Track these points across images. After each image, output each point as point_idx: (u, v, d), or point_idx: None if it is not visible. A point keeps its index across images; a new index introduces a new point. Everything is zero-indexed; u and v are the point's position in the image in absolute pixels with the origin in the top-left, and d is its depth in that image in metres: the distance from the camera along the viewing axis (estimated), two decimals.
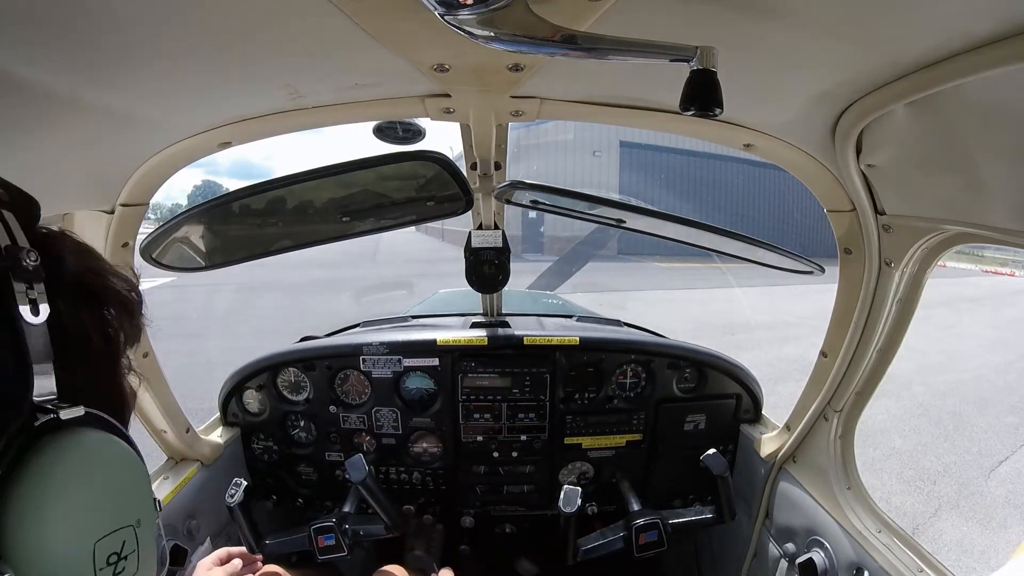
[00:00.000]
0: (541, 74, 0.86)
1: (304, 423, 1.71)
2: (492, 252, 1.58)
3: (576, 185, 1.42)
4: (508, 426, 1.68)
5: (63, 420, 0.37)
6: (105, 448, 0.40)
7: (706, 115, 0.55)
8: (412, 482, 1.74)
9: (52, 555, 0.34)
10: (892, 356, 1.17)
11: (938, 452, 4.94)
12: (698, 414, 1.72)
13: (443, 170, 1.26)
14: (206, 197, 1.35)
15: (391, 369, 1.65)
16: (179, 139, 1.05)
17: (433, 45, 0.73)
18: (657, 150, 21.59)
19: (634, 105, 1.02)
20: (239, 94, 0.94)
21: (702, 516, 1.49)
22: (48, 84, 0.72)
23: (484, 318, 1.93)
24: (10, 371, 0.36)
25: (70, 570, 0.36)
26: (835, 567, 1.22)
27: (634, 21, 0.64)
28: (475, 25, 0.54)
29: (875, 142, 0.89)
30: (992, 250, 19.45)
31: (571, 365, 1.67)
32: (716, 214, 20.60)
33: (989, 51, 0.60)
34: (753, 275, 8.40)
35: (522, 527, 1.89)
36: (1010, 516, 3.98)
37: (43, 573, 0.34)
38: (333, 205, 1.40)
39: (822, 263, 1.41)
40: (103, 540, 0.37)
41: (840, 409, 1.28)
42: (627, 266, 16.03)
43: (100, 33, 0.65)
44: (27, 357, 0.36)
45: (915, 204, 0.94)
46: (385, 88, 0.96)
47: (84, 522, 0.37)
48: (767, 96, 0.90)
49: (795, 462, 1.44)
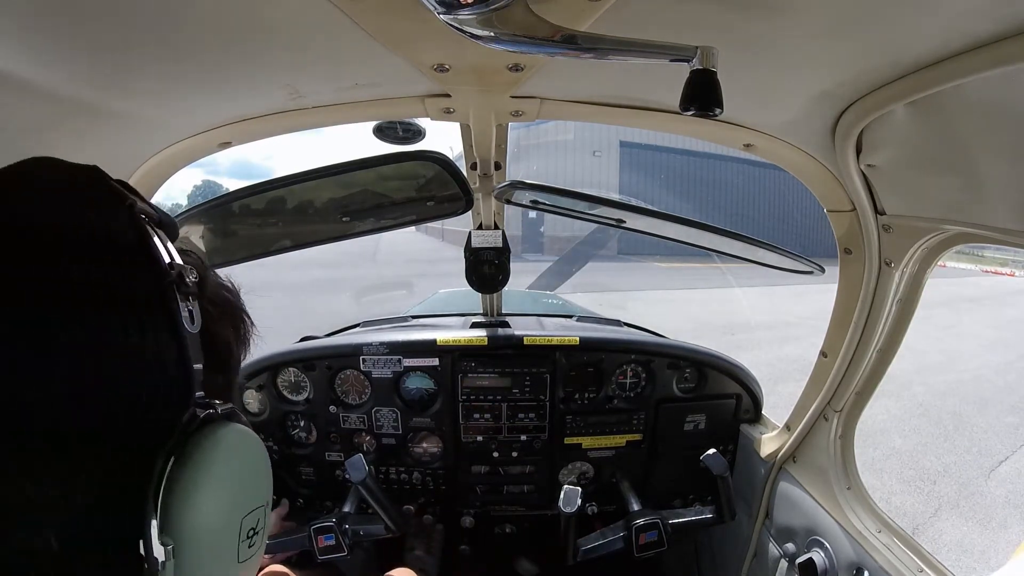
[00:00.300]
0: (541, 74, 0.86)
1: (304, 423, 1.71)
2: (492, 252, 1.58)
3: (576, 185, 1.42)
4: (508, 426, 1.68)
5: (218, 414, 0.42)
6: (247, 438, 0.44)
7: (706, 115, 0.55)
8: (412, 482, 1.74)
9: (208, 530, 0.39)
10: (892, 356, 1.17)
11: (938, 452, 4.94)
12: (698, 414, 1.72)
13: (443, 170, 1.26)
14: (206, 197, 1.35)
15: (391, 369, 1.65)
16: (179, 139, 1.05)
17: (433, 45, 0.73)
18: (657, 150, 21.59)
19: (634, 105, 1.02)
20: (239, 94, 0.94)
21: (702, 516, 1.49)
22: (48, 84, 0.72)
23: (484, 318, 1.93)
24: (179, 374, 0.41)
25: (222, 542, 0.40)
26: (835, 567, 1.22)
27: (634, 21, 0.64)
28: (475, 25, 0.54)
29: (875, 142, 0.89)
30: (992, 250, 19.43)
31: (571, 365, 1.67)
32: (716, 214, 20.59)
33: (989, 51, 0.60)
34: (753, 275, 8.39)
35: (522, 527, 1.89)
36: (1010, 516, 3.98)
37: (200, 545, 0.38)
38: (333, 205, 1.40)
39: (822, 263, 1.41)
40: (248, 516, 0.43)
41: (840, 409, 1.28)
42: (627, 266, 16.03)
43: (100, 33, 0.65)
44: (190, 361, 0.41)
45: (915, 204, 0.94)
46: (385, 88, 0.96)
47: (234, 501, 0.42)
48: (767, 96, 0.90)
49: (795, 462, 1.44)
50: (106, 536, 0.37)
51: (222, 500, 0.40)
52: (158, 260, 0.41)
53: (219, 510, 0.40)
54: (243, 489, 0.43)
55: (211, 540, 0.39)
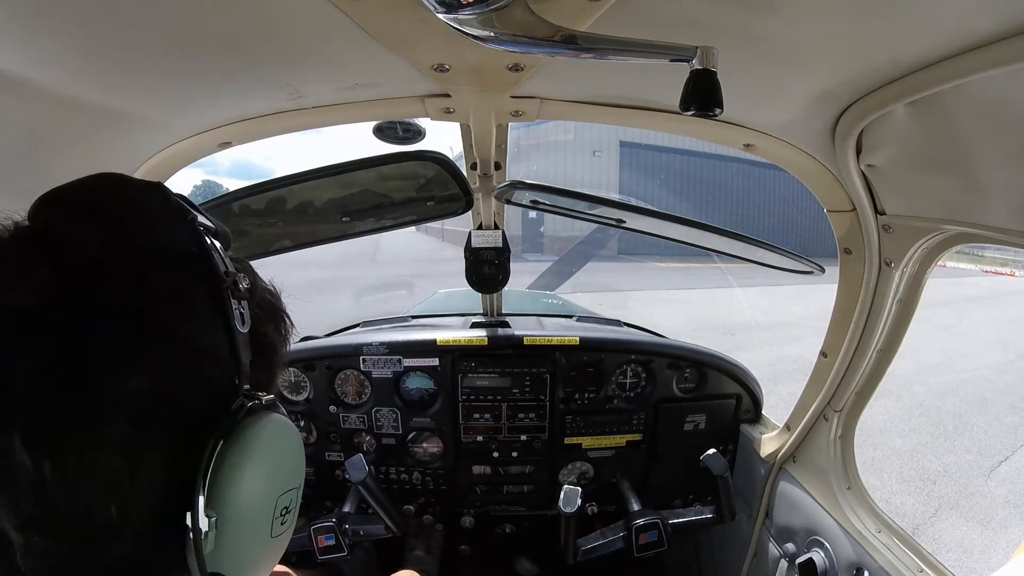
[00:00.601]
0: (541, 74, 0.86)
1: (304, 423, 1.71)
2: (492, 252, 1.58)
3: (576, 185, 1.42)
4: (508, 426, 1.68)
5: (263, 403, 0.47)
6: (286, 426, 0.49)
7: (706, 115, 0.55)
8: (412, 482, 1.74)
9: (247, 506, 0.43)
10: (892, 356, 1.17)
11: (938, 452, 4.94)
12: (698, 414, 1.72)
13: (443, 170, 1.26)
14: (206, 197, 1.35)
15: (391, 369, 1.65)
16: (179, 139, 1.05)
17: (433, 45, 0.73)
18: (657, 150, 21.59)
19: (634, 105, 1.02)
20: (239, 94, 0.94)
21: (702, 516, 1.49)
22: (49, 84, 0.72)
23: (484, 318, 1.93)
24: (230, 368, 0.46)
25: (258, 517, 0.44)
26: (835, 567, 1.22)
27: (634, 21, 0.64)
28: (475, 25, 0.54)
29: (875, 142, 0.89)
30: (992, 250, 19.43)
31: (571, 365, 1.67)
32: (716, 214, 20.60)
33: (989, 51, 0.60)
34: (753, 275, 8.39)
35: (522, 527, 1.89)
36: (1010, 516, 3.98)
37: (239, 519, 0.42)
38: (333, 205, 1.40)
39: (822, 263, 1.41)
40: (282, 496, 0.46)
41: (840, 409, 1.28)
42: (627, 266, 16.03)
43: (100, 34, 0.65)
44: (240, 358, 0.46)
45: (915, 204, 0.94)
46: (385, 88, 0.96)
47: (272, 480, 0.46)
48: (767, 96, 0.90)
49: (795, 462, 1.45)
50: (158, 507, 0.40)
51: (261, 480, 0.44)
52: (216, 268, 0.46)
53: (258, 488, 0.44)
54: (279, 471, 0.47)
55: (249, 515, 0.44)
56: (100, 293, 0.39)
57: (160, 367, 0.40)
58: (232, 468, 0.42)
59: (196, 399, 0.43)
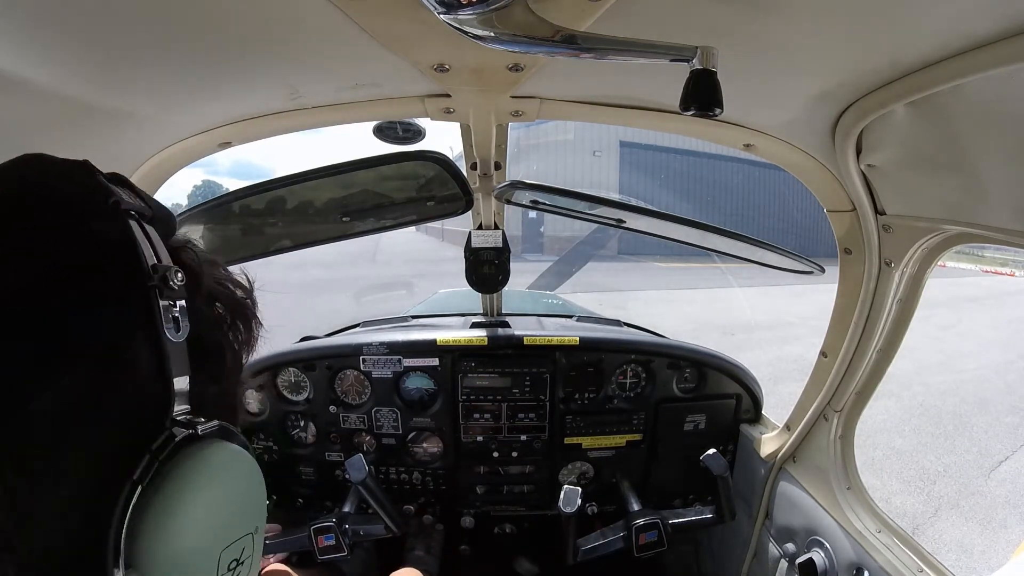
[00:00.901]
0: (541, 74, 0.86)
1: (304, 423, 1.71)
2: (492, 252, 1.59)
3: (576, 185, 1.42)
4: (508, 426, 1.68)
5: (199, 435, 0.38)
6: (235, 460, 0.41)
7: (706, 115, 0.55)
8: (412, 482, 1.74)
9: (178, 564, 0.35)
10: (892, 356, 1.17)
11: (938, 452, 4.94)
12: (698, 414, 1.72)
13: (443, 170, 1.26)
14: (206, 197, 1.35)
15: (391, 369, 1.65)
16: (179, 139, 1.05)
17: (433, 45, 0.73)
18: (657, 150, 21.58)
19: (634, 105, 1.02)
20: (239, 94, 0.94)
21: (702, 516, 1.49)
22: (48, 84, 0.72)
23: (484, 318, 1.93)
24: (156, 390, 0.37)
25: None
26: (835, 567, 1.22)
27: (634, 21, 0.64)
28: (475, 25, 0.54)
29: (875, 142, 0.89)
30: (992, 250, 19.43)
31: (571, 365, 1.67)
32: (716, 214, 20.59)
33: (989, 51, 0.60)
34: (753, 275, 8.39)
35: (522, 527, 1.89)
36: (1010, 516, 3.98)
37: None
38: (333, 205, 1.40)
39: (822, 263, 1.41)
40: (228, 548, 0.39)
41: (840, 409, 1.28)
42: (627, 266, 16.03)
43: (100, 33, 0.65)
44: (170, 376, 0.37)
45: (915, 204, 0.94)
46: (385, 88, 0.96)
47: (213, 533, 0.38)
48: (767, 96, 0.90)
49: (795, 462, 1.45)
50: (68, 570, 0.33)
51: (196, 532, 0.37)
52: (138, 261, 0.37)
53: (192, 543, 0.36)
54: (223, 519, 0.39)
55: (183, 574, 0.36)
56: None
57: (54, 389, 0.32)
58: (157, 520, 0.34)
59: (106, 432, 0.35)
